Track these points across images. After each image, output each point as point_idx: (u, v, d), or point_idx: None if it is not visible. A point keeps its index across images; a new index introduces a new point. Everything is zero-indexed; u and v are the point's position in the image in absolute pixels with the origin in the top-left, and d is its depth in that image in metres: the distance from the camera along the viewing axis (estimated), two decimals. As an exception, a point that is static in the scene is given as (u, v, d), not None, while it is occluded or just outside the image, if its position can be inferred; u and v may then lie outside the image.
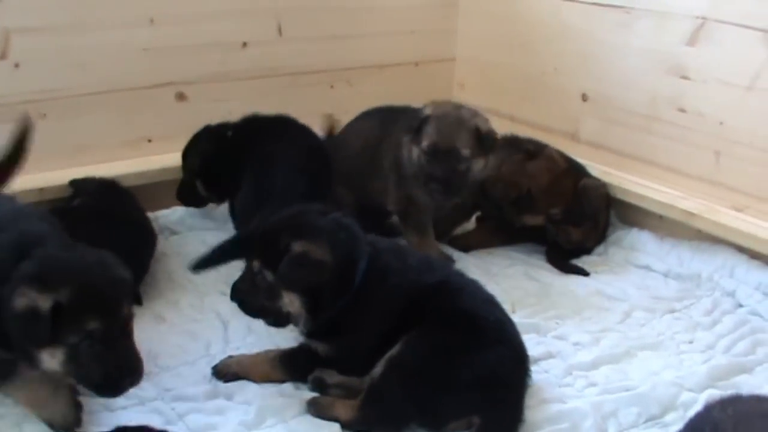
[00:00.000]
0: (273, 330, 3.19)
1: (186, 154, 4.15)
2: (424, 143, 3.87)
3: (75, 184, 4.01)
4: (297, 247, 2.90)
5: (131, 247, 3.37)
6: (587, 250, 4.30)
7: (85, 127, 4.17)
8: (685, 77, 4.23)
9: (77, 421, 2.84)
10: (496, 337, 2.94)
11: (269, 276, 2.93)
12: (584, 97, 4.67)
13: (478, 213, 4.47)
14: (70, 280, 2.57)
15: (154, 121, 4.37)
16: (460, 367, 2.84)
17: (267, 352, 3.21)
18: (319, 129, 4.40)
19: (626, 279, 4.05)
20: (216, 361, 3.17)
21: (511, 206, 4.24)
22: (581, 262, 4.20)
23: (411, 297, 2.98)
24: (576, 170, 4.35)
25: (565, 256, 4.21)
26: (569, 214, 4.22)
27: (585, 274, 4.09)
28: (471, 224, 4.48)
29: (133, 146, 4.30)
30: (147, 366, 2.72)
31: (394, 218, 4.23)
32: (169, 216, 4.33)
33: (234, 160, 3.99)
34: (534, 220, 4.26)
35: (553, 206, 4.21)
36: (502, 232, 4.37)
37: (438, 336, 2.89)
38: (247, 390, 3.06)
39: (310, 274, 2.92)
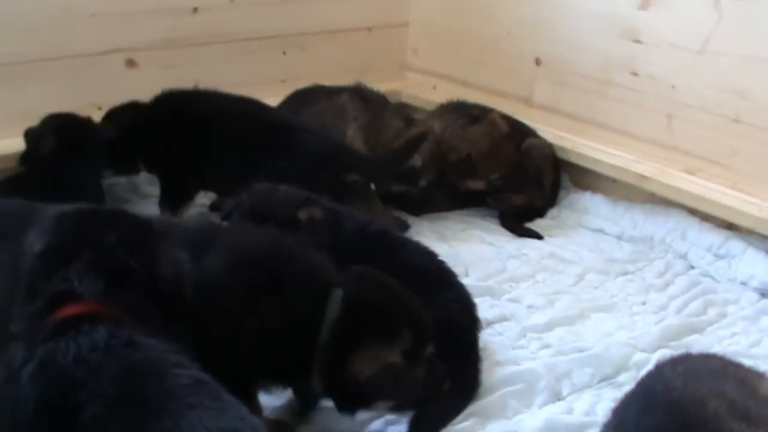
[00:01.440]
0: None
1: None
2: None
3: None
4: (303, 214, 2.99)
5: None
6: (540, 213, 4.32)
7: (32, 95, 4.08)
8: (637, 41, 4.24)
9: None
10: (439, 285, 3.01)
11: None
12: (538, 62, 4.66)
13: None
14: (406, 322, 2.44)
15: (104, 89, 4.27)
16: None
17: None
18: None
19: (580, 242, 4.07)
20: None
21: (452, 170, 4.27)
22: (535, 225, 4.21)
23: (358, 243, 3.05)
24: (521, 135, 4.36)
25: (519, 220, 4.22)
26: (510, 181, 4.25)
27: (539, 237, 4.10)
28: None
29: (82, 113, 4.21)
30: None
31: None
32: (122, 184, 4.28)
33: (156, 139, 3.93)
34: (476, 184, 4.29)
35: (492, 171, 4.25)
36: (453, 196, 4.38)
37: None
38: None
39: (323, 232, 2.99)
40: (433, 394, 2.58)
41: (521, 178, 4.26)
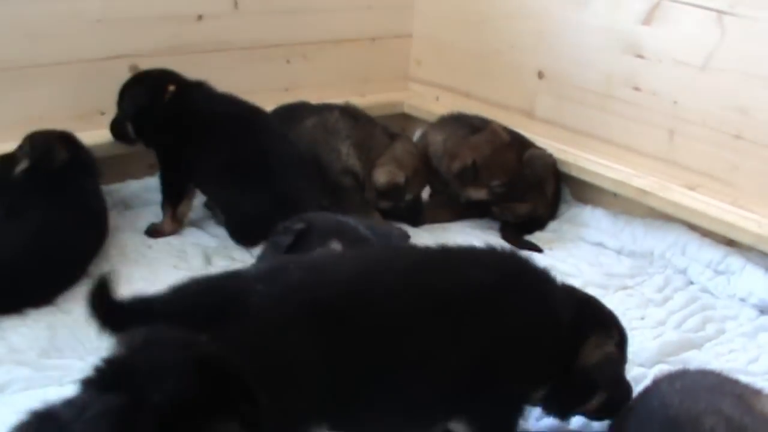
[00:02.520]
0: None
1: (123, 95, 4.08)
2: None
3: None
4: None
5: None
6: (540, 225, 4.33)
7: (35, 99, 4.09)
8: (640, 56, 4.25)
9: None
10: None
11: None
12: (540, 75, 4.67)
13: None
14: (613, 320, 2.78)
15: (107, 94, 4.25)
16: None
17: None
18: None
19: (579, 255, 4.07)
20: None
21: (455, 179, 4.33)
22: (535, 238, 4.21)
23: None
24: (521, 145, 4.40)
25: (520, 233, 4.23)
26: (512, 189, 4.28)
27: (539, 250, 4.10)
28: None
29: (85, 119, 4.23)
30: (98, 341, 2.65)
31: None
32: (123, 190, 4.28)
33: (173, 118, 3.99)
34: (477, 193, 4.33)
35: (494, 178, 4.28)
36: (454, 206, 4.41)
37: None
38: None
39: None
40: (624, 398, 2.73)
41: (522, 186, 4.29)
